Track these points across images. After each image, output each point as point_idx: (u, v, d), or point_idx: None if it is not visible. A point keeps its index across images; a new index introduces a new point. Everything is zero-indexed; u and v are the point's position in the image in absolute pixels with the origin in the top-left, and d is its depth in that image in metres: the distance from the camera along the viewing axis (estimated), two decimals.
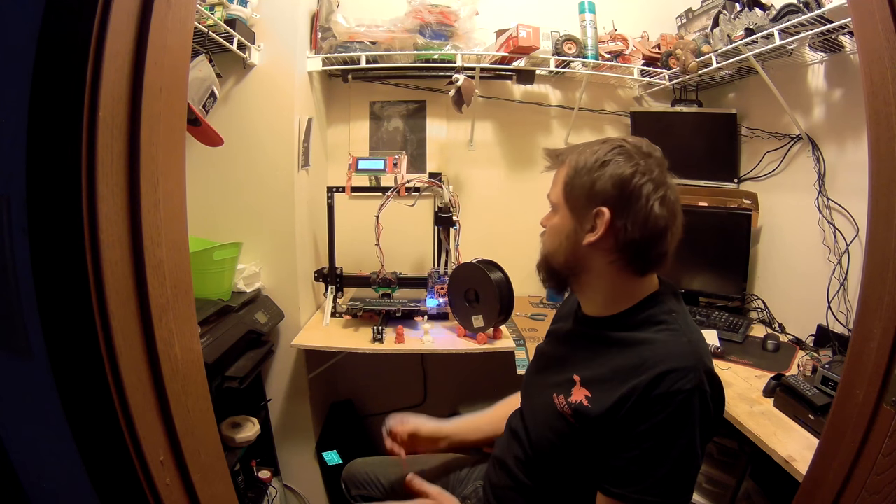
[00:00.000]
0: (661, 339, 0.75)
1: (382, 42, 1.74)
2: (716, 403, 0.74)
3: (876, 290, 0.65)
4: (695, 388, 0.69)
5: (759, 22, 1.44)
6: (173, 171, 0.59)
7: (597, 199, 0.76)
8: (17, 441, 0.57)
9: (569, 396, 0.80)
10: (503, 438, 1.00)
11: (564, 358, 0.88)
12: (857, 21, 0.71)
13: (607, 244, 0.77)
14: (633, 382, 0.71)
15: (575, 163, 0.80)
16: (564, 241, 0.82)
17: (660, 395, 0.69)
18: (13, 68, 0.49)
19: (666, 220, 0.76)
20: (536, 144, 2.08)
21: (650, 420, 0.70)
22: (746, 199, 1.76)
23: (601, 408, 0.74)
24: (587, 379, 0.80)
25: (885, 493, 0.62)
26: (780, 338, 1.54)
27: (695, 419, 0.70)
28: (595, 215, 0.76)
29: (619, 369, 0.75)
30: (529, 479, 0.88)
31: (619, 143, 0.78)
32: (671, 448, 0.69)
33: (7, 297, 0.52)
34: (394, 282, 1.72)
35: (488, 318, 1.52)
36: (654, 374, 0.70)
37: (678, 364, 0.70)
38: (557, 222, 0.83)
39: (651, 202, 0.74)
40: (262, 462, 1.70)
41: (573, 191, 0.80)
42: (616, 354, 0.77)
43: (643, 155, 0.77)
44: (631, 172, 0.75)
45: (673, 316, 0.78)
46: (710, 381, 0.72)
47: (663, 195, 0.75)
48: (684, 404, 0.69)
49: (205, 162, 1.52)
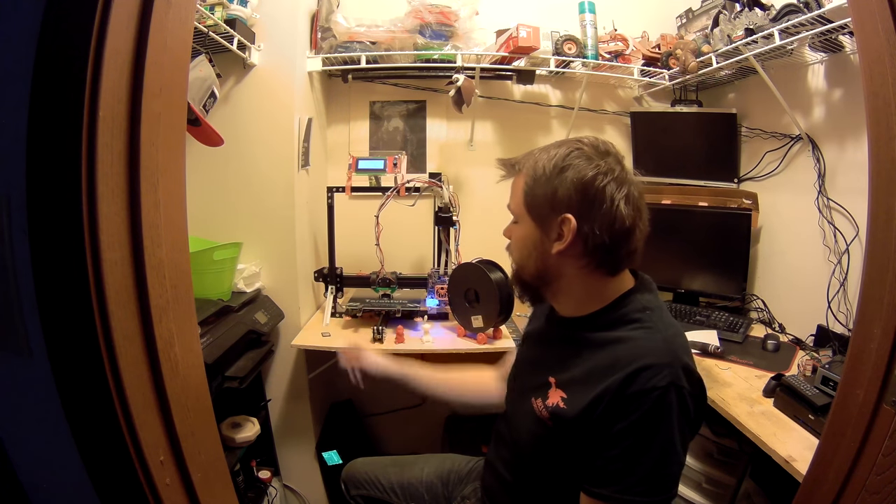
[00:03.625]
0: (635, 337, 0.74)
1: (382, 42, 1.74)
2: (695, 399, 0.73)
3: (876, 290, 0.65)
4: (670, 384, 0.69)
5: (759, 22, 1.44)
6: (173, 172, 0.59)
7: (560, 206, 0.75)
8: (16, 441, 0.57)
9: (546, 399, 0.79)
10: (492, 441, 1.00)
11: (540, 361, 0.88)
12: (857, 21, 0.71)
13: (576, 250, 0.75)
14: (607, 382, 0.71)
15: (532, 171, 0.78)
16: (532, 252, 0.80)
17: (634, 393, 0.69)
18: (13, 68, 0.49)
19: (633, 219, 0.74)
20: (536, 144, 2.02)
21: (627, 418, 0.69)
22: (746, 199, 1.76)
23: (576, 409, 0.74)
24: (562, 381, 0.79)
25: (885, 493, 0.63)
26: (780, 338, 1.54)
27: (672, 416, 0.69)
28: (560, 223, 0.75)
29: (594, 369, 0.74)
30: (516, 480, 0.89)
31: (576, 146, 0.76)
32: (650, 446, 0.69)
33: (7, 297, 0.52)
34: (393, 282, 1.72)
35: (488, 318, 1.52)
36: (628, 372, 0.70)
37: (652, 361, 0.70)
38: (522, 233, 0.82)
39: (616, 202, 0.73)
40: (262, 462, 1.71)
41: (534, 200, 0.78)
42: (590, 355, 0.77)
43: (601, 154, 0.75)
44: (592, 175, 0.73)
45: (647, 314, 0.77)
46: (688, 377, 0.71)
47: (627, 193, 0.74)
48: (660, 401, 0.68)
49: (205, 162, 1.52)
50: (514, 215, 0.84)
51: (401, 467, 1.20)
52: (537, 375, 0.84)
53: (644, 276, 0.84)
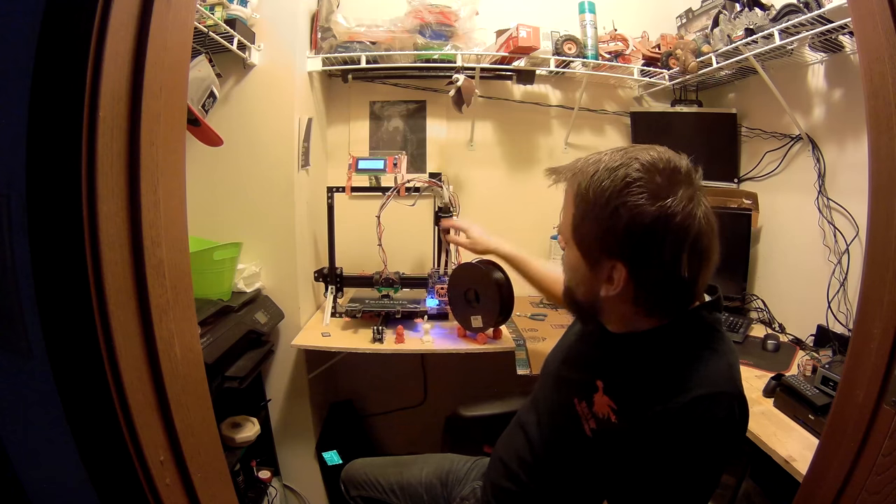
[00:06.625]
0: (702, 358, 0.68)
1: (382, 42, 1.74)
2: (742, 429, 0.70)
3: (876, 290, 0.65)
4: (727, 416, 0.66)
5: (759, 22, 1.43)
6: (173, 171, 0.59)
7: (611, 251, 0.66)
8: (17, 441, 0.57)
9: (592, 405, 0.75)
10: (507, 435, 0.98)
11: (587, 358, 0.83)
12: (857, 21, 0.71)
13: (628, 296, 0.68)
14: (667, 402, 0.66)
15: (584, 195, 0.67)
16: (581, 285, 0.73)
17: (694, 420, 0.65)
18: (13, 68, 0.49)
19: (699, 268, 0.66)
20: (536, 144, 2.07)
21: (680, 443, 0.66)
22: (746, 199, 1.76)
23: (629, 424, 0.69)
24: (612, 387, 0.74)
25: (885, 493, 0.62)
26: (780, 338, 1.54)
27: (721, 447, 0.67)
28: (611, 268, 0.67)
29: (653, 384, 0.69)
30: (533, 482, 0.86)
31: (640, 173, 0.63)
32: (694, 472, 0.67)
33: (7, 297, 0.52)
34: (397, 282, 1.72)
35: (488, 319, 1.52)
36: (693, 396, 0.65)
37: (716, 389, 0.66)
38: (571, 260, 0.73)
39: (679, 255, 0.63)
40: (262, 462, 1.71)
41: (582, 235, 0.69)
42: (649, 367, 0.71)
43: (671, 184, 0.63)
44: (653, 219, 0.62)
45: (714, 335, 0.72)
46: (741, 408, 0.68)
47: (694, 240, 0.63)
48: (715, 431, 0.66)
49: (205, 162, 1.52)
50: (563, 236, 0.74)
51: (400, 468, 1.20)
52: (582, 373, 0.79)
53: (717, 294, 0.75)
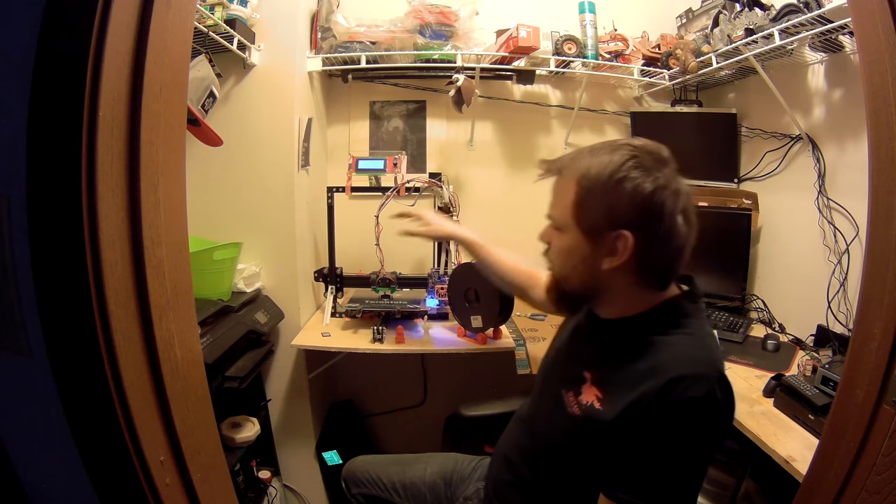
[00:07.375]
0: (675, 342, 0.73)
1: (382, 42, 1.74)
2: (727, 411, 0.72)
3: (876, 290, 0.65)
4: (706, 395, 0.68)
5: (759, 22, 1.43)
6: (173, 172, 0.59)
7: (617, 222, 0.71)
8: (17, 441, 0.57)
9: (579, 395, 0.78)
10: (507, 431, 0.99)
11: (577, 353, 0.87)
12: (857, 21, 0.72)
13: (629, 266, 0.73)
14: (644, 387, 0.69)
15: (585, 179, 0.73)
16: (579, 265, 0.76)
17: (670, 402, 0.67)
18: (13, 68, 0.49)
19: (687, 235, 0.73)
20: (536, 144, 2.08)
21: (659, 426, 0.68)
22: (746, 199, 1.76)
23: (613, 411, 0.72)
24: (599, 378, 0.77)
25: (885, 493, 0.63)
26: (780, 338, 1.54)
27: (705, 427, 0.68)
28: (615, 238, 0.71)
29: (633, 372, 0.72)
30: (532, 474, 0.87)
31: (631, 153, 0.71)
32: (680, 455, 0.69)
33: (7, 297, 0.52)
34: (393, 282, 1.72)
35: (488, 318, 1.52)
36: (667, 379, 0.68)
37: (691, 370, 0.68)
38: (567, 244, 0.77)
39: (675, 219, 0.70)
40: (262, 462, 1.71)
41: (587, 212, 0.73)
42: (630, 356, 0.74)
43: (659, 163, 0.71)
44: (652, 189, 0.69)
45: (689, 320, 0.76)
46: (722, 388, 0.70)
47: (684, 208, 0.72)
48: (695, 413, 0.67)
49: (205, 162, 1.52)
50: (558, 224, 0.79)
51: (403, 466, 1.19)
52: (572, 367, 0.83)
53: (695, 285, 0.81)
